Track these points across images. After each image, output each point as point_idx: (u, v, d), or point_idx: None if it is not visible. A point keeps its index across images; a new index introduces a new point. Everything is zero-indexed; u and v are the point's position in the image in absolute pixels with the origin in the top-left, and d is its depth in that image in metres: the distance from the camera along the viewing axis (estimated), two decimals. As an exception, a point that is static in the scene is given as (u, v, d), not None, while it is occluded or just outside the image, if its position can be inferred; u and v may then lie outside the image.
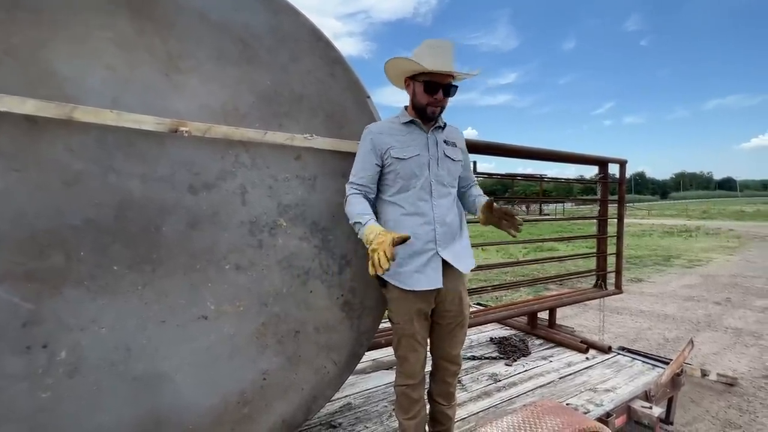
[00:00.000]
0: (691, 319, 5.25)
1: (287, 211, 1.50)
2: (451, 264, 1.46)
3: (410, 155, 1.44)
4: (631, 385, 2.34)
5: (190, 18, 1.33)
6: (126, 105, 1.22)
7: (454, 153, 1.52)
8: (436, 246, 1.44)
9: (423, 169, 1.45)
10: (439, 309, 1.50)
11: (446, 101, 1.46)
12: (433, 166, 1.47)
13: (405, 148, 1.45)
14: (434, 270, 1.43)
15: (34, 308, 1.11)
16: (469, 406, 2.11)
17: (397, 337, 1.50)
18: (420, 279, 1.43)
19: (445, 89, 1.42)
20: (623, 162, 3.37)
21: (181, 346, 1.31)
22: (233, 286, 1.40)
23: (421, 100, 1.44)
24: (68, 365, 1.15)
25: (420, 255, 1.43)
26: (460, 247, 1.51)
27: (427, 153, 1.47)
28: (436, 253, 1.44)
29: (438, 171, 1.47)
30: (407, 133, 1.48)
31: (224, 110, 1.38)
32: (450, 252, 1.46)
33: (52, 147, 1.13)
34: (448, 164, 1.50)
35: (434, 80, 1.40)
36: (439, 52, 1.39)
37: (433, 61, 1.38)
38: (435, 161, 1.47)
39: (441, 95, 1.42)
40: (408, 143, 1.46)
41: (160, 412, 1.28)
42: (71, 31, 1.15)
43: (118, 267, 1.22)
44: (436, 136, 1.50)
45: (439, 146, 1.50)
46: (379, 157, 1.45)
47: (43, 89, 1.11)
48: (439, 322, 1.52)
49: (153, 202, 1.26)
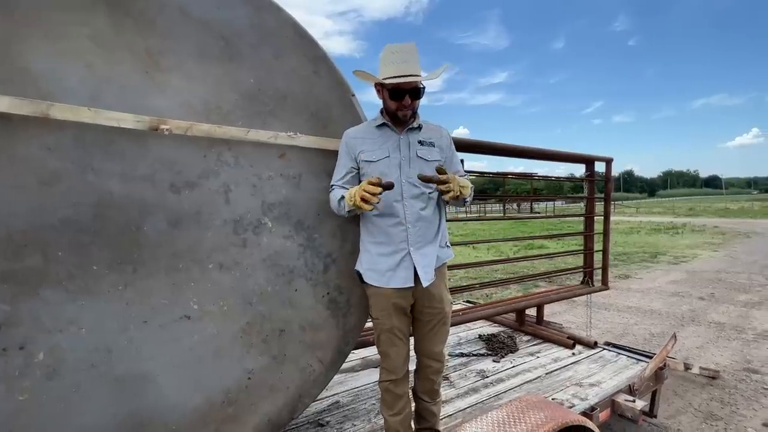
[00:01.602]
0: (676, 315, 5.35)
1: (271, 210, 1.49)
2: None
3: (379, 157, 1.46)
4: (615, 380, 2.38)
5: (170, 14, 1.31)
6: (105, 103, 1.20)
7: (428, 153, 1.51)
8: (408, 246, 1.46)
9: (393, 171, 1.47)
10: (418, 306, 1.52)
11: (416, 104, 1.47)
12: (404, 167, 1.48)
13: (374, 151, 1.47)
14: (406, 269, 1.45)
15: (9, 310, 1.09)
16: (456, 402, 2.12)
17: (377, 333, 1.54)
18: (392, 277, 1.46)
19: (411, 93, 1.43)
20: (609, 160, 3.41)
21: (163, 347, 1.30)
22: (217, 285, 1.39)
23: (390, 106, 1.47)
24: (46, 367, 1.13)
25: (393, 255, 1.46)
26: (432, 252, 1.50)
27: (398, 154, 1.48)
28: (408, 254, 1.45)
29: (409, 172, 1.47)
30: (379, 135, 1.50)
31: (206, 108, 1.37)
32: (420, 256, 1.46)
33: (28, 145, 1.11)
34: (420, 165, 1.49)
35: (398, 87, 1.41)
36: (400, 57, 1.40)
37: (393, 68, 1.40)
38: (407, 162, 1.48)
39: (408, 100, 1.43)
40: (379, 145, 1.48)
41: (143, 413, 1.27)
42: (47, 27, 1.13)
43: (98, 267, 1.20)
44: (409, 138, 1.51)
45: (412, 147, 1.50)
46: (353, 160, 1.50)
47: (17, 86, 1.09)
48: (420, 319, 1.54)
49: (133, 201, 1.25)
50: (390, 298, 1.46)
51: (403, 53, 1.42)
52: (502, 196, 5.14)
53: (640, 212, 33.98)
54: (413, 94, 1.43)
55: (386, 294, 1.46)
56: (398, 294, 1.46)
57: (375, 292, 1.49)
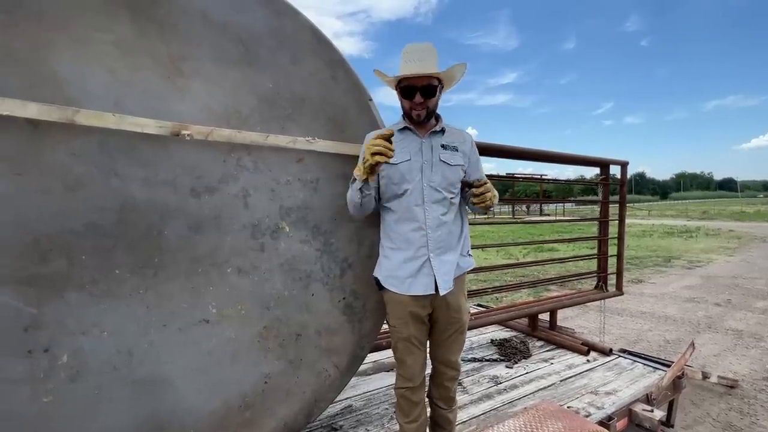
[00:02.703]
0: (691, 321, 5.24)
1: (289, 215, 1.50)
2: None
3: (401, 160, 1.43)
4: (632, 388, 2.34)
5: (192, 20, 1.32)
6: (128, 108, 1.21)
7: (451, 157, 1.49)
8: (428, 252, 1.42)
9: (414, 174, 1.44)
10: (436, 314, 1.49)
11: (430, 102, 1.43)
12: (426, 171, 1.45)
13: (396, 153, 1.41)
14: (427, 276, 1.42)
15: (36, 312, 1.10)
16: (470, 408, 2.10)
17: (394, 340, 1.51)
18: (412, 284, 1.42)
19: (423, 91, 1.40)
20: (624, 164, 3.36)
21: (182, 350, 1.31)
22: (235, 289, 1.40)
23: (403, 105, 1.47)
24: (70, 369, 1.15)
25: (412, 261, 1.43)
26: (453, 259, 1.47)
27: (420, 157, 1.46)
28: (428, 260, 1.42)
29: (431, 176, 1.45)
30: (401, 139, 1.47)
31: (226, 113, 1.38)
32: (440, 262, 1.43)
33: (54, 151, 1.12)
34: (443, 169, 1.46)
35: (410, 84, 1.40)
36: (413, 56, 1.40)
37: (407, 68, 1.39)
38: (429, 166, 1.45)
39: (419, 98, 1.40)
40: (400, 149, 1.44)
41: (162, 417, 1.28)
42: (73, 34, 1.15)
43: (120, 271, 1.22)
44: (431, 141, 1.49)
45: (435, 151, 1.47)
46: None
47: (44, 92, 1.10)
48: (437, 327, 1.52)
49: (155, 206, 1.26)
50: (408, 307, 1.44)
51: (419, 52, 1.40)
52: (512, 199, 5.10)
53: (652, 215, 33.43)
54: (424, 92, 1.40)
55: (404, 302, 1.44)
56: (416, 302, 1.44)
57: (393, 299, 1.47)
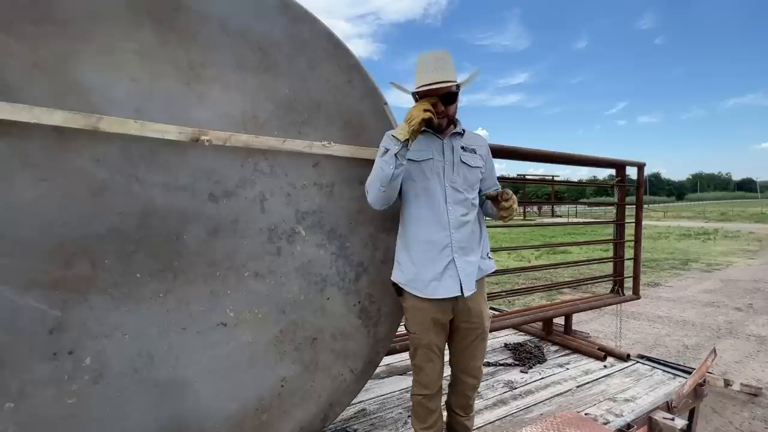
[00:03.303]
0: (711, 326, 5.11)
1: (305, 219, 1.50)
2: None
3: (423, 158, 1.44)
4: (651, 395, 2.28)
5: (211, 27, 1.34)
6: (149, 115, 1.23)
7: (472, 159, 1.50)
8: (452, 253, 1.42)
9: (436, 174, 1.45)
10: (458, 320, 1.48)
11: (450, 109, 1.45)
12: (447, 171, 1.46)
13: (418, 152, 1.45)
14: (451, 278, 1.41)
15: (60, 315, 1.13)
16: (485, 414, 2.08)
17: (413, 347, 1.49)
18: (437, 287, 1.41)
19: (444, 99, 1.41)
20: (641, 165, 3.30)
21: (201, 353, 1.32)
22: (252, 293, 1.41)
23: None
24: (93, 371, 1.17)
25: (436, 262, 1.41)
26: (475, 261, 1.47)
27: (442, 158, 1.46)
28: (453, 261, 1.41)
29: (453, 176, 1.46)
30: (423, 139, 1.47)
31: (244, 118, 1.39)
32: (464, 263, 1.43)
33: (79, 157, 1.15)
34: (464, 170, 1.48)
35: (429, 93, 1.40)
36: (432, 65, 1.40)
37: (425, 77, 1.39)
38: (450, 166, 1.46)
39: (440, 106, 1.41)
40: (422, 147, 1.46)
41: (182, 419, 1.29)
42: (97, 43, 1.17)
43: (141, 275, 1.24)
44: (452, 142, 1.49)
45: (455, 152, 1.48)
46: None
47: (70, 100, 1.13)
48: (458, 334, 1.50)
49: (174, 211, 1.28)
50: (430, 312, 1.43)
51: (436, 60, 1.41)
52: (524, 202, 5.04)
53: (668, 216, 32.71)
54: (445, 100, 1.41)
55: (426, 307, 1.43)
56: (439, 308, 1.43)
57: (415, 304, 1.45)
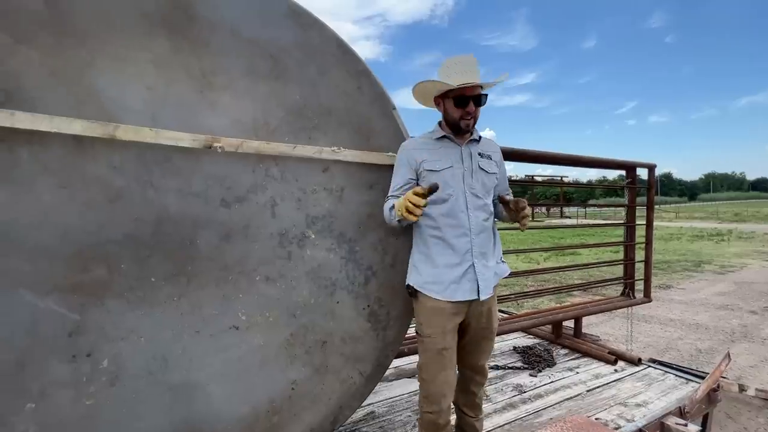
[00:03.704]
0: (725, 329, 5.02)
1: (315, 223, 1.52)
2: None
3: (443, 167, 1.46)
4: (663, 400, 2.26)
5: (223, 35, 1.36)
6: (163, 123, 1.26)
7: (488, 165, 1.54)
8: (472, 258, 1.45)
9: (457, 181, 1.46)
10: (468, 321, 1.49)
11: (478, 112, 1.48)
12: (467, 178, 1.48)
13: (437, 161, 1.47)
14: (470, 282, 1.44)
15: (79, 319, 1.16)
16: (494, 417, 2.08)
17: (425, 356, 1.47)
18: (456, 290, 1.43)
19: (475, 100, 1.44)
20: (652, 166, 3.26)
21: (214, 356, 1.35)
22: (263, 297, 1.43)
23: (453, 114, 1.46)
24: (110, 374, 1.20)
25: (457, 266, 1.44)
26: (492, 265, 1.52)
27: (461, 165, 1.48)
28: (473, 265, 1.45)
29: (472, 183, 1.48)
30: (440, 147, 1.50)
31: (255, 125, 1.41)
32: (483, 267, 1.47)
33: (96, 164, 1.18)
34: (482, 176, 1.51)
35: (464, 94, 1.42)
36: (463, 67, 1.43)
37: (459, 78, 1.41)
38: (469, 173, 1.49)
39: (472, 107, 1.44)
40: (440, 156, 1.48)
41: (195, 421, 1.31)
42: (113, 53, 1.20)
43: (156, 279, 1.26)
44: (470, 149, 1.52)
45: (474, 158, 1.51)
46: (414, 171, 1.48)
47: (88, 109, 1.16)
48: (468, 334, 1.52)
49: (188, 216, 1.30)
50: (446, 314, 1.44)
51: (465, 64, 1.44)
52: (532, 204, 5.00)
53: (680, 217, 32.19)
54: (477, 101, 1.44)
55: (444, 309, 1.44)
56: (455, 309, 1.45)
57: (432, 306, 1.44)
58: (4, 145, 1.07)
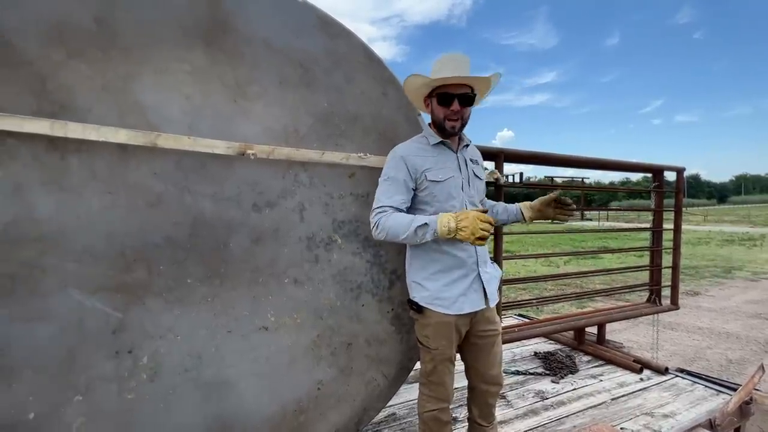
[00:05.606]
0: (758, 339, 4.81)
1: (341, 228, 1.56)
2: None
3: (445, 177, 1.42)
4: (692, 412, 2.19)
5: (256, 47, 1.42)
6: (200, 131, 1.32)
7: (479, 171, 1.55)
8: (477, 267, 1.45)
9: (458, 191, 1.45)
10: (475, 329, 1.49)
11: (465, 112, 1.41)
12: (465, 187, 1.47)
13: (439, 171, 1.42)
14: (476, 291, 1.45)
15: (122, 317, 1.22)
16: (515, 424, 2.06)
17: (433, 364, 1.45)
18: (464, 302, 1.42)
19: (461, 99, 1.37)
20: (681, 170, 3.17)
21: (245, 355, 1.40)
22: (292, 299, 1.47)
23: (438, 114, 1.41)
24: (149, 370, 1.26)
25: (464, 278, 1.43)
26: (491, 270, 1.54)
27: (460, 174, 1.47)
28: (478, 275, 1.45)
29: (470, 191, 1.48)
30: (438, 154, 1.45)
31: (285, 132, 1.46)
32: (486, 275, 1.49)
33: (139, 171, 1.24)
34: (477, 183, 1.52)
35: (448, 91, 1.36)
36: (453, 65, 1.37)
37: (441, 71, 1.37)
38: (467, 182, 1.48)
39: (457, 105, 1.36)
40: (441, 165, 1.43)
41: (226, 418, 1.37)
42: (155, 65, 1.27)
43: (192, 280, 1.32)
44: (464, 156, 1.50)
45: (468, 166, 1.51)
46: (413, 180, 1.41)
47: (131, 119, 1.23)
48: (476, 343, 1.51)
49: (222, 220, 1.36)
50: (453, 326, 1.43)
51: (455, 61, 1.38)
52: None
53: (708, 220, 30.94)
54: (462, 100, 1.37)
55: (451, 322, 1.42)
56: (463, 321, 1.45)
57: (440, 321, 1.41)
58: (57, 154, 1.15)
